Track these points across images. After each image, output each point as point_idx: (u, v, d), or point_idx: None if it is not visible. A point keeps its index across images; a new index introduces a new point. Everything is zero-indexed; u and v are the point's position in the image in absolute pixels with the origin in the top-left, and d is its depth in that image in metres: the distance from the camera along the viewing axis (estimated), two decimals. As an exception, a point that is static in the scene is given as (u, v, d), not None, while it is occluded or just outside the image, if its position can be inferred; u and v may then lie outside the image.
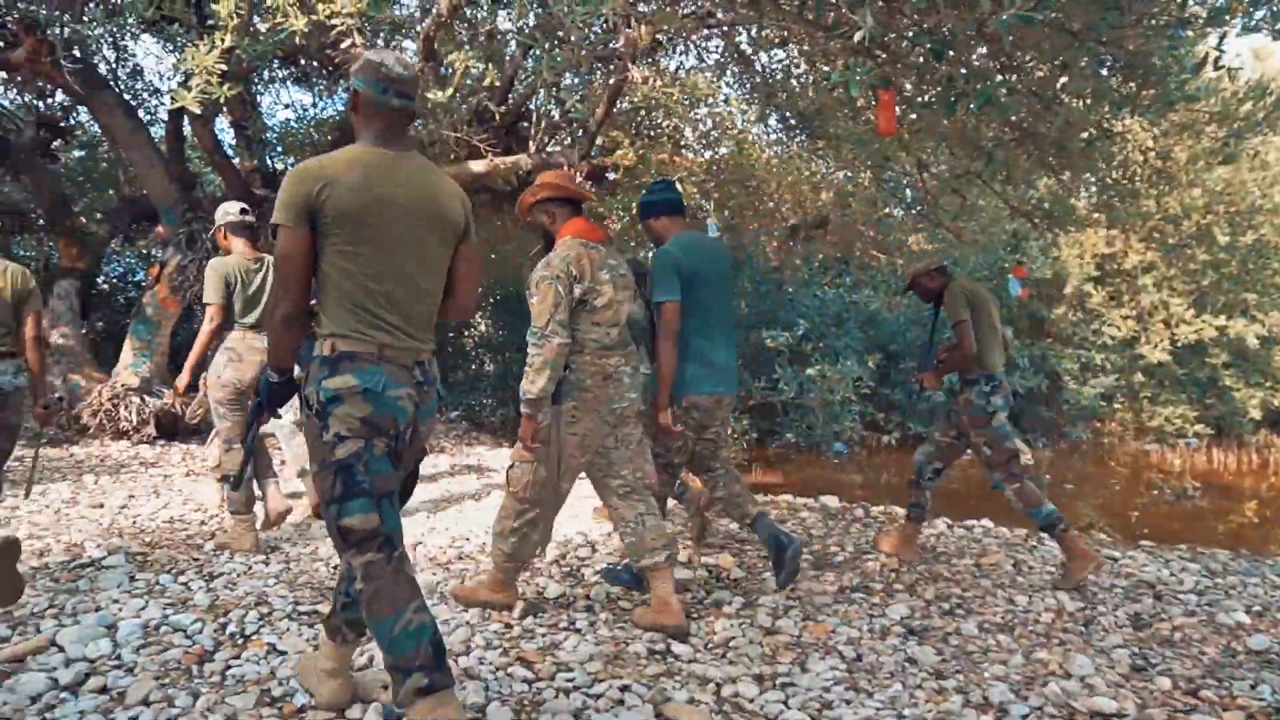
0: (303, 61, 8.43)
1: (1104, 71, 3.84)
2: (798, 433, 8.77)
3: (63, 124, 9.76)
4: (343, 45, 5.01)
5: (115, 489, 5.43)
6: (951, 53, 3.01)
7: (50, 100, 9.51)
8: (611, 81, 5.27)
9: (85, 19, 6.09)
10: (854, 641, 3.12)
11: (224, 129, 8.55)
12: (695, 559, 4.09)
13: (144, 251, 12.08)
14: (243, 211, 4.21)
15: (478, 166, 6.08)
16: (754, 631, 3.17)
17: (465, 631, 3.03)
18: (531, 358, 2.97)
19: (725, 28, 5.47)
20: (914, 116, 3.88)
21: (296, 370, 2.27)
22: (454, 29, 5.27)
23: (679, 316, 3.37)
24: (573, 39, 4.22)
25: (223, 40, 4.58)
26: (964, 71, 3.37)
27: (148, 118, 9.23)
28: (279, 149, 9.57)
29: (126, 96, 8.60)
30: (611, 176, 6.78)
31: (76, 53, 6.42)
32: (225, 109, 6.76)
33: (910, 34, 3.01)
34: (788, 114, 6.32)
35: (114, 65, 9.13)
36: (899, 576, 3.98)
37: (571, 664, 2.78)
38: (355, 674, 2.52)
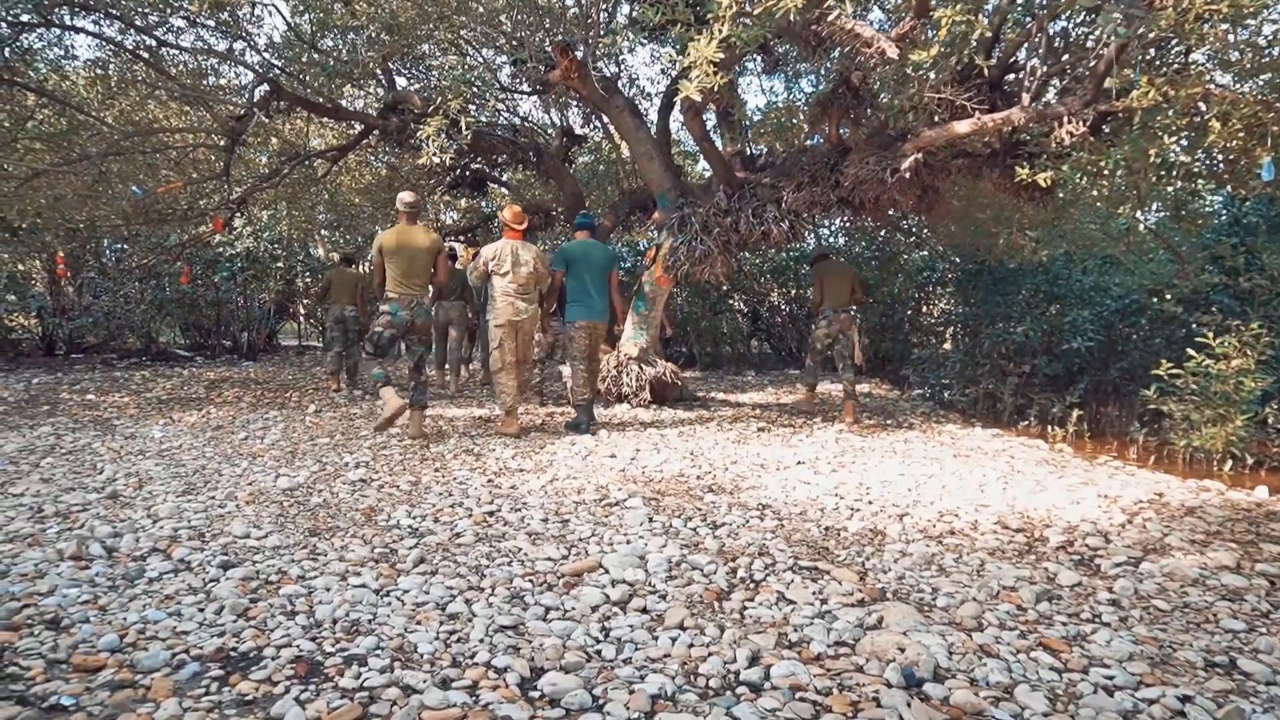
0: (777, 50, 8.75)
1: None
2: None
3: (578, 133, 11.42)
4: (829, 18, 5.06)
5: (624, 443, 6.20)
6: None
7: (566, 114, 11.22)
8: (1127, 11, 4.57)
9: (599, 36, 7.01)
10: None
11: (708, 117, 9.23)
12: (1247, 564, 3.41)
13: (635, 239, 13.74)
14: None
15: (961, 127, 5.70)
16: (1360, 661, 2.52)
17: (975, 607, 2.87)
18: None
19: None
20: None
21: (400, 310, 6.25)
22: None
23: (562, 280, 6.88)
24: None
25: (720, 31, 4.90)
26: None
27: (640, 119, 10.41)
28: (752, 134, 10.08)
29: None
30: (1106, 130, 5.97)
31: (595, 66, 7.41)
32: (714, 98, 7.28)
33: None
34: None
35: (616, 74, 10.45)
36: None
37: (1108, 660, 2.47)
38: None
